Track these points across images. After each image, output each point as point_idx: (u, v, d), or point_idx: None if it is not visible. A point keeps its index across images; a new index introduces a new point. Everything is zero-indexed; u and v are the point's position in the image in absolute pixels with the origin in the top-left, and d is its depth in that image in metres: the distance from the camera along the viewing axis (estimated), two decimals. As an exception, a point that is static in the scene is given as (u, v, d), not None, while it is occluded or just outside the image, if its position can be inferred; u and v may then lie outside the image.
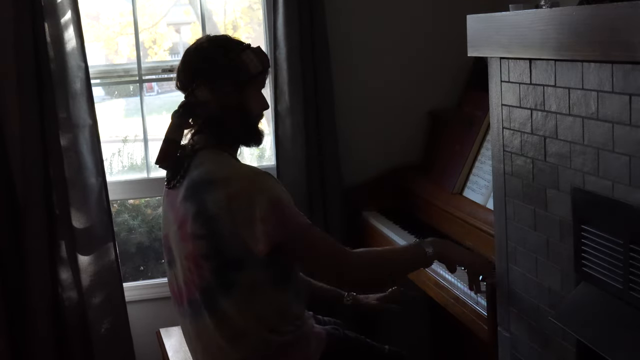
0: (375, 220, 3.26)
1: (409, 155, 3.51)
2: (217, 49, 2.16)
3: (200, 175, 2.11)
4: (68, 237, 3.09)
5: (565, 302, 1.91)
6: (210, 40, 2.21)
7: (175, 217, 2.16)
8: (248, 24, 3.85)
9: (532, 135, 2.02)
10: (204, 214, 2.06)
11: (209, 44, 2.19)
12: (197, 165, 2.14)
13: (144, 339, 3.27)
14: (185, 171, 2.16)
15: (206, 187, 2.08)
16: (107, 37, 3.78)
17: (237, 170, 2.13)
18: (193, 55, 2.19)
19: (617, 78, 1.64)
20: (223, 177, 2.08)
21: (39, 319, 3.07)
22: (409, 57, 3.47)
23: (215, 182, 2.08)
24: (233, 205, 2.04)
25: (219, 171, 2.11)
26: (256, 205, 2.03)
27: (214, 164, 2.13)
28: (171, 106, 4.51)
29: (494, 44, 2.11)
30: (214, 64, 2.14)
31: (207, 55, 2.16)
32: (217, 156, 2.16)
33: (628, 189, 1.64)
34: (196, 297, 2.14)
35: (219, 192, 2.05)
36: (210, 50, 2.16)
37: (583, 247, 1.83)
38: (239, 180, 2.09)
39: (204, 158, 2.15)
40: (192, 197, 2.10)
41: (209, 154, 2.16)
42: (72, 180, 3.07)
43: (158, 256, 3.89)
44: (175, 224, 2.16)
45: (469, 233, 2.77)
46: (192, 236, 2.09)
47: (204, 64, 2.15)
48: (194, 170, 2.14)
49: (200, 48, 2.19)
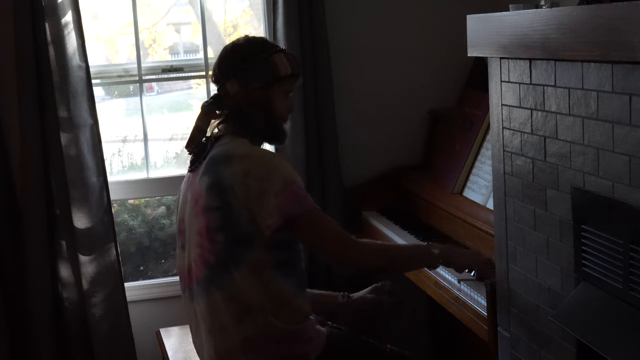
0: (375, 220, 3.26)
1: (409, 155, 3.51)
2: (251, 48, 2.30)
3: (219, 153, 2.23)
4: (69, 237, 3.09)
5: (565, 302, 1.91)
6: (247, 39, 2.35)
7: (193, 195, 2.26)
8: (248, 23, 3.85)
9: (532, 135, 2.02)
10: (219, 186, 2.16)
11: (245, 42, 2.33)
12: (218, 146, 2.26)
13: (144, 339, 3.27)
14: (207, 153, 2.27)
15: (224, 162, 2.19)
16: (107, 36, 3.78)
17: (256, 150, 2.27)
18: (229, 51, 2.33)
19: (617, 78, 1.64)
20: (241, 154, 2.20)
21: (40, 318, 3.07)
22: (409, 57, 3.47)
23: (233, 157, 2.19)
24: (248, 179, 2.13)
25: (237, 149, 2.23)
26: (271, 181, 2.14)
27: (234, 144, 2.25)
28: (171, 106, 4.47)
29: (494, 44, 2.11)
30: (246, 60, 2.27)
31: (241, 52, 2.30)
32: (238, 139, 2.27)
33: (628, 189, 1.64)
34: (205, 275, 2.20)
35: (236, 165, 2.16)
36: (244, 47, 2.31)
37: (583, 247, 1.83)
38: (257, 157, 2.21)
39: (225, 141, 2.27)
40: (209, 171, 2.20)
41: (230, 138, 2.28)
42: (72, 180, 3.07)
43: (158, 256, 3.90)
44: (192, 200, 2.25)
45: (469, 233, 2.77)
46: (205, 209, 2.18)
47: (237, 59, 2.28)
48: (214, 150, 2.26)
49: (237, 44, 2.33)
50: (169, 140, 3.90)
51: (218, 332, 2.21)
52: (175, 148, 3.90)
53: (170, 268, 3.84)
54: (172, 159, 3.85)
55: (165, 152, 3.86)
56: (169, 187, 3.45)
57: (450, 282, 2.56)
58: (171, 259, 3.88)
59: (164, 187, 3.44)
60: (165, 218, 3.89)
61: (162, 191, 3.49)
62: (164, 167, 3.77)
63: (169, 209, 3.91)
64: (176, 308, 3.34)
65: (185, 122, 4.06)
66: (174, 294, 3.40)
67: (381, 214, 3.31)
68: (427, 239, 2.91)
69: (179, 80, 3.90)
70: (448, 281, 2.57)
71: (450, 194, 2.99)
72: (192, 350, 2.72)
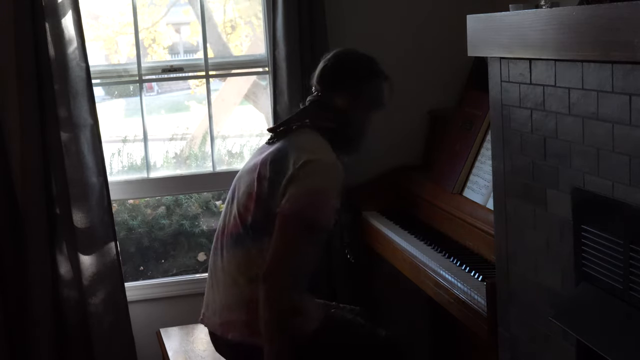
0: (375, 220, 3.26)
1: (409, 155, 3.51)
2: (367, 69, 2.48)
3: (297, 141, 2.37)
4: (69, 236, 3.09)
5: (565, 302, 1.91)
6: (366, 57, 2.50)
7: (259, 157, 2.41)
8: (247, 23, 3.85)
9: (532, 135, 2.02)
10: (279, 163, 2.31)
11: (363, 61, 2.49)
12: (301, 134, 2.40)
13: (144, 338, 3.27)
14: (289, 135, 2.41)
15: (295, 149, 2.33)
16: (107, 36, 3.78)
17: (326, 151, 2.37)
18: (348, 65, 2.48)
19: (617, 78, 1.64)
20: (312, 149, 2.33)
21: (40, 318, 3.07)
22: (409, 57, 3.47)
23: (304, 149, 2.32)
24: (301, 170, 2.26)
25: (311, 144, 2.36)
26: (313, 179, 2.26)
27: (314, 141, 2.38)
28: (172, 106, 4.47)
29: (494, 44, 2.11)
30: (362, 83, 2.46)
31: (357, 72, 2.47)
32: (319, 137, 2.40)
33: (628, 189, 1.64)
34: (239, 232, 2.35)
35: (302, 156, 2.29)
36: (363, 68, 2.47)
37: (583, 247, 1.83)
38: (322, 157, 2.32)
39: (308, 134, 2.40)
40: (282, 149, 2.35)
41: (315, 135, 2.40)
42: (73, 179, 3.07)
43: (158, 256, 3.90)
44: (256, 159, 2.42)
45: (469, 233, 2.77)
46: (259, 175, 2.34)
47: (352, 77, 2.46)
48: (296, 137, 2.40)
49: (355, 62, 2.49)
50: (169, 140, 3.90)
51: (230, 287, 2.34)
52: (175, 148, 3.90)
53: (170, 268, 3.84)
54: (172, 159, 3.85)
55: (165, 152, 3.86)
56: (168, 187, 3.45)
57: (450, 282, 2.56)
58: (171, 259, 3.88)
59: (163, 187, 3.44)
60: (165, 218, 3.89)
61: (162, 191, 3.49)
62: (163, 167, 3.77)
63: (169, 209, 3.91)
64: (176, 308, 3.35)
65: (185, 122, 4.06)
66: (174, 294, 3.41)
67: (381, 214, 3.31)
68: (427, 239, 2.92)
69: (178, 80, 3.91)
70: (448, 281, 2.57)
71: (450, 194, 2.99)
72: (192, 350, 2.73)
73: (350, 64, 2.48)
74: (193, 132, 3.94)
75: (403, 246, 2.92)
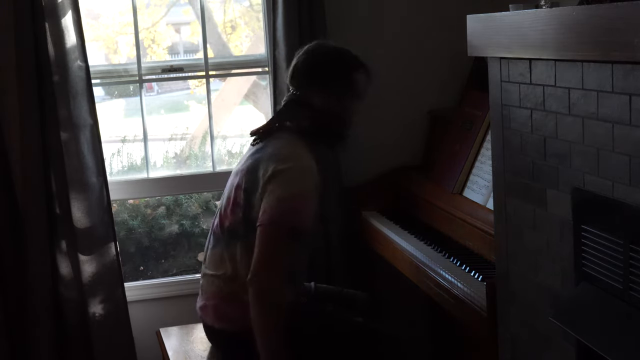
0: (375, 220, 3.26)
1: (409, 155, 3.51)
2: (338, 62, 2.46)
3: (273, 147, 2.39)
4: (69, 236, 3.09)
5: (565, 302, 1.91)
6: (336, 50, 2.50)
7: (243, 164, 2.46)
8: (247, 23, 3.85)
9: (532, 135, 2.02)
10: (252, 174, 2.36)
11: (333, 54, 2.48)
12: (279, 138, 2.42)
13: (144, 339, 3.27)
14: (269, 137, 2.44)
15: (266, 159, 2.35)
16: (107, 36, 3.78)
17: (299, 156, 2.36)
18: (318, 59, 2.47)
19: (617, 78, 1.64)
20: (284, 156, 2.35)
21: (40, 318, 3.07)
22: (408, 57, 3.47)
23: (274, 158, 2.34)
24: (271, 182, 2.29)
25: (285, 149, 2.38)
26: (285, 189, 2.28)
27: (288, 145, 2.39)
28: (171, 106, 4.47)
29: (494, 44, 2.11)
30: (335, 77, 2.45)
31: (328, 66, 2.46)
32: (296, 140, 2.41)
33: (628, 189, 1.64)
34: (220, 233, 2.45)
35: (271, 166, 2.32)
36: (333, 61, 2.46)
37: (583, 247, 1.83)
38: (293, 164, 2.33)
39: (286, 138, 2.42)
40: (257, 158, 2.38)
41: (292, 136, 2.42)
42: (72, 179, 3.07)
43: (158, 256, 3.90)
44: (241, 164, 2.47)
45: (469, 233, 2.77)
46: (238, 185, 2.40)
47: (324, 72, 2.45)
48: (273, 140, 2.42)
49: (325, 55, 2.48)
50: (168, 140, 3.90)
51: (215, 278, 2.44)
52: (175, 148, 3.90)
53: (170, 268, 3.84)
54: (172, 159, 3.85)
55: (164, 152, 3.86)
56: (168, 187, 3.45)
57: (450, 282, 2.56)
58: (171, 259, 3.88)
59: (163, 187, 3.44)
60: (165, 218, 3.89)
61: (162, 191, 3.49)
62: (163, 167, 3.77)
63: (168, 209, 3.91)
64: (176, 308, 3.35)
65: (185, 122, 4.06)
66: (174, 294, 3.41)
67: (381, 214, 3.31)
68: (427, 239, 2.92)
69: (178, 80, 3.91)
70: (448, 281, 2.57)
71: (450, 194, 2.99)
72: (192, 350, 2.73)
73: (321, 58, 2.47)
74: (193, 132, 3.94)
75: (403, 246, 2.92)
